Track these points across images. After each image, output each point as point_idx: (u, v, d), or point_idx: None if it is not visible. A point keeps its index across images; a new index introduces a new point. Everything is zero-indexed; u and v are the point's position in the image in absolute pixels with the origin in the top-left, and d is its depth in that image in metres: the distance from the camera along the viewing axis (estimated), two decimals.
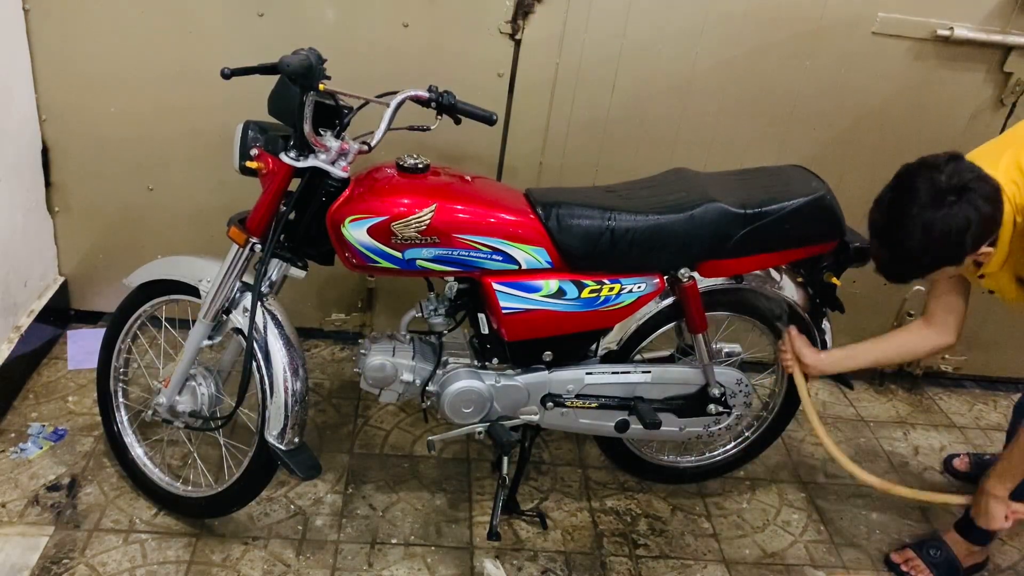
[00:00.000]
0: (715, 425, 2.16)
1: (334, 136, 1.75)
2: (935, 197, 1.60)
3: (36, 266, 2.51)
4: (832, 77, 2.47)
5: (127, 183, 2.51)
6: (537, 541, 2.14)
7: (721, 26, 2.38)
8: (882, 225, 1.69)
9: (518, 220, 1.83)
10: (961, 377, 3.07)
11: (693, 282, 1.96)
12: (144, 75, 2.36)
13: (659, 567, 2.12)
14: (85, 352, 2.58)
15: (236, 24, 2.30)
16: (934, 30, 2.40)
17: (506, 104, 2.45)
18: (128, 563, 1.93)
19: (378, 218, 1.73)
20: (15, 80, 2.29)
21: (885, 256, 1.72)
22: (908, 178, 1.66)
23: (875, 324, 2.88)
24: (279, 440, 1.84)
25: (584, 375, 2.02)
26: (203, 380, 1.97)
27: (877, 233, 1.72)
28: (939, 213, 1.59)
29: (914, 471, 2.60)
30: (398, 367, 1.97)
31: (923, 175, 1.62)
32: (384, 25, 2.33)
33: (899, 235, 1.65)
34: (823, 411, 2.82)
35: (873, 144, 2.58)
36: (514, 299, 1.86)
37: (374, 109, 1.77)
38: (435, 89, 1.79)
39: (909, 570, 2.16)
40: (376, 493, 2.23)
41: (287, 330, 1.87)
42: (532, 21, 2.34)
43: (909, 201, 1.62)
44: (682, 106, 2.49)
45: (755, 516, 2.33)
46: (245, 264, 1.84)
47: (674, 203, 1.90)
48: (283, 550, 2.02)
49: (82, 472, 2.17)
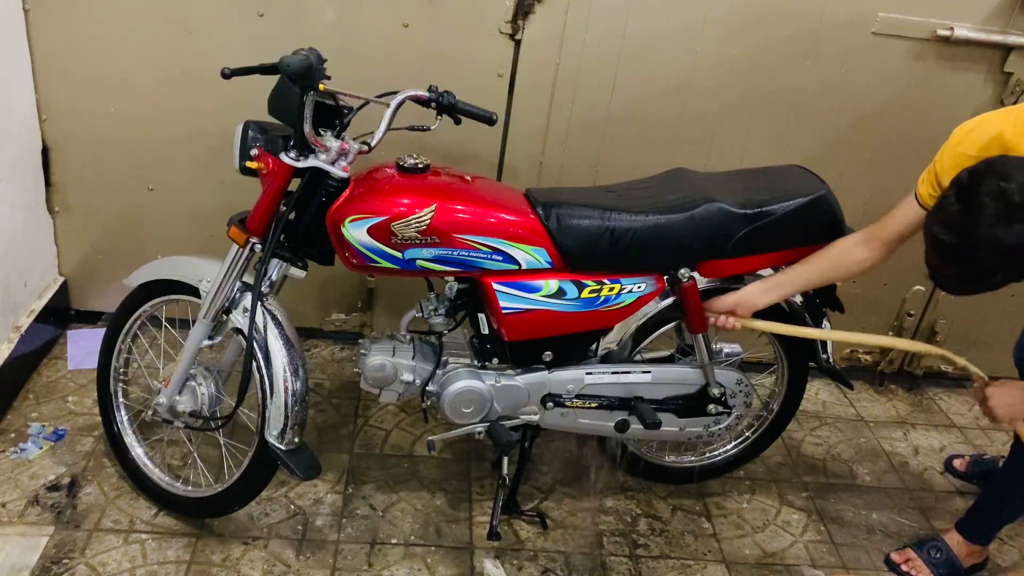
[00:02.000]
0: (715, 425, 2.16)
1: (334, 136, 1.75)
2: (1007, 212, 1.45)
3: (36, 266, 2.51)
4: (832, 77, 2.47)
5: (127, 183, 2.51)
6: (537, 541, 2.14)
7: (721, 26, 2.38)
8: (948, 243, 1.54)
9: (518, 220, 1.83)
10: (961, 377, 3.06)
11: (693, 282, 1.96)
12: (144, 75, 2.36)
13: (659, 567, 2.12)
14: (85, 352, 2.58)
15: (236, 24, 2.30)
16: (934, 30, 2.40)
17: (506, 104, 2.45)
18: (128, 563, 1.93)
19: (378, 218, 1.73)
20: (15, 80, 2.29)
21: (952, 273, 1.59)
22: (974, 190, 1.50)
23: (875, 324, 2.89)
24: (279, 440, 1.84)
25: (584, 375, 2.02)
26: (203, 380, 1.97)
27: (943, 251, 1.57)
28: (1011, 230, 1.45)
29: (914, 471, 2.60)
30: (398, 367, 1.97)
31: (989, 186, 1.47)
32: (384, 25, 2.33)
33: (969, 254, 1.52)
34: (823, 411, 2.82)
35: (873, 144, 2.58)
36: (514, 299, 1.86)
37: (374, 109, 1.77)
38: (435, 89, 1.79)
39: (909, 570, 2.16)
40: (376, 493, 2.23)
41: (287, 330, 1.87)
42: (532, 21, 2.34)
43: (977, 217, 1.48)
44: (682, 106, 2.49)
45: (755, 516, 2.33)
46: (245, 264, 1.84)
47: (674, 203, 1.90)
48: (283, 550, 2.02)
49: (82, 472, 2.17)
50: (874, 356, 2.95)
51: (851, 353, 2.94)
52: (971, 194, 1.50)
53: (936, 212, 1.59)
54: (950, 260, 1.57)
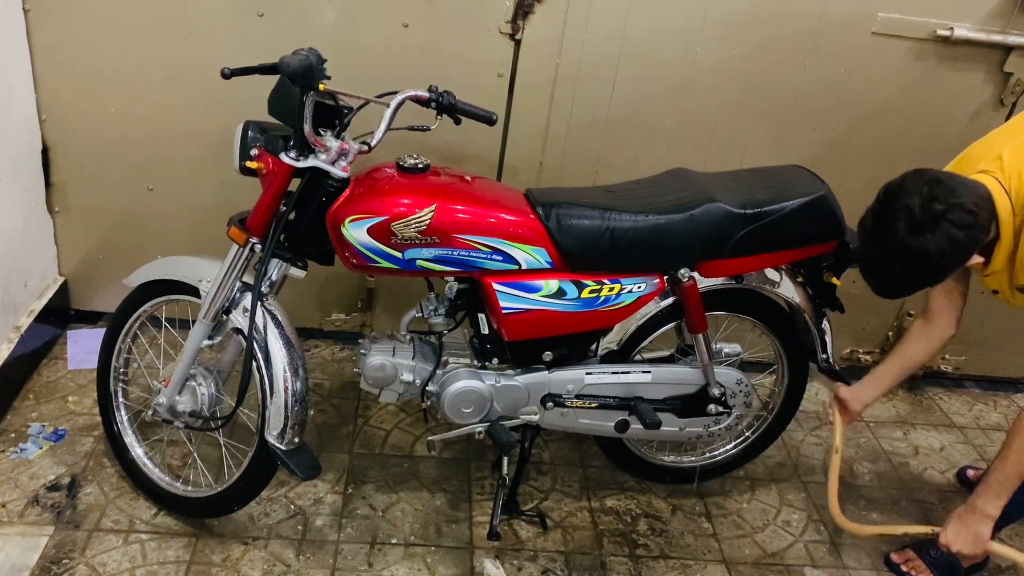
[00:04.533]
0: (715, 425, 2.16)
1: (334, 136, 1.75)
2: (911, 226, 1.61)
3: (36, 266, 2.51)
4: (832, 77, 2.47)
5: (127, 183, 2.51)
6: (537, 541, 2.14)
7: (721, 26, 2.38)
8: (866, 252, 1.74)
9: (518, 220, 1.83)
10: (961, 377, 3.07)
11: (693, 282, 1.96)
12: (144, 75, 2.36)
13: (659, 567, 2.12)
14: (85, 352, 2.58)
15: (236, 24, 2.30)
16: (934, 30, 2.40)
17: (506, 104, 2.45)
18: (128, 563, 1.93)
19: (378, 218, 1.73)
20: (15, 80, 2.29)
21: (872, 279, 1.75)
22: (887, 204, 1.67)
23: (875, 324, 2.89)
24: (279, 440, 1.84)
25: (584, 375, 2.02)
26: (203, 380, 1.97)
27: (863, 258, 1.77)
28: (915, 241, 1.61)
29: (914, 471, 2.60)
30: (398, 367, 1.97)
31: (900, 201, 1.63)
32: (384, 25, 2.33)
33: (881, 261, 1.70)
34: (823, 411, 2.82)
35: (873, 144, 2.58)
36: (514, 299, 1.86)
37: (374, 109, 1.77)
38: (435, 89, 1.79)
39: (909, 570, 2.16)
40: (376, 493, 2.23)
41: (287, 330, 1.87)
42: (532, 21, 2.34)
43: (888, 229, 1.65)
44: (682, 106, 2.49)
45: (755, 516, 2.33)
46: (245, 264, 1.84)
47: (674, 203, 1.90)
48: (283, 550, 2.02)
49: (82, 472, 2.17)
50: (874, 356, 2.95)
51: (851, 353, 2.94)
52: (885, 209, 1.66)
53: (860, 226, 1.74)
54: (871, 268, 1.74)
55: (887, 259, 1.68)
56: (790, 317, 2.16)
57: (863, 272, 1.78)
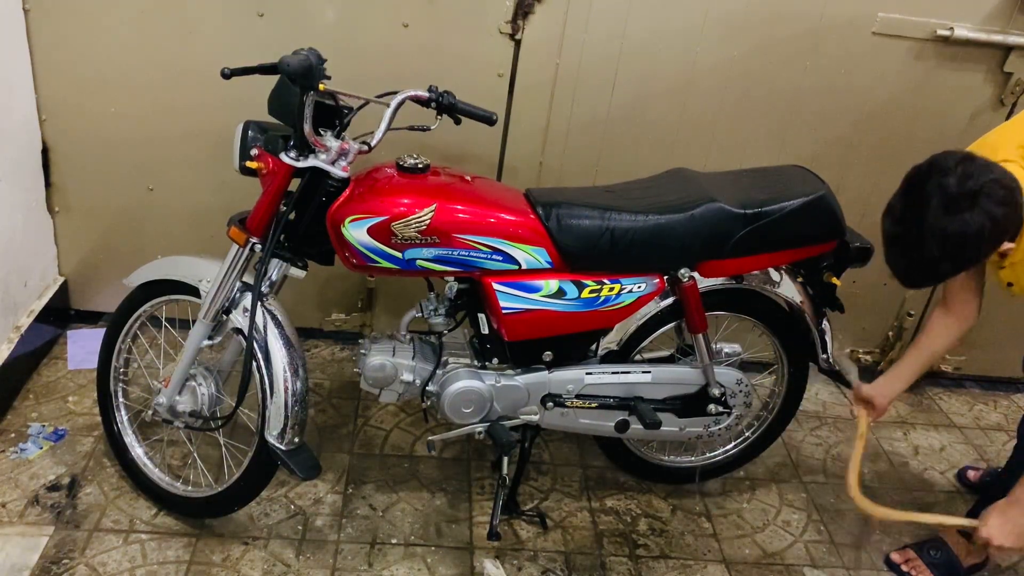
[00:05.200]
0: (715, 425, 2.16)
1: (334, 136, 1.75)
2: (947, 204, 1.55)
3: (36, 266, 2.51)
4: (832, 77, 2.47)
5: (127, 183, 2.51)
6: (537, 541, 2.14)
7: (721, 26, 2.38)
8: (896, 235, 1.66)
9: (518, 220, 1.83)
10: (961, 377, 3.07)
11: (693, 282, 1.96)
12: (144, 75, 2.36)
13: (659, 567, 2.12)
14: (85, 352, 2.58)
15: (236, 24, 2.30)
16: (934, 30, 2.40)
17: (506, 104, 2.45)
18: (128, 563, 1.93)
19: (378, 218, 1.73)
20: (15, 80, 2.29)
21: (902, 265, 1.68)
22: (918, 184, 1.61)
23: (875, 324, 2.89)
24: (279, 440, 1.84)
25: (584, 375, 2.02)
26: (203, 380, 1.97)
27: (892, 243, 1.67)
28: (953, 221, 1.55)
29: (914, 471, 2.60)
30: (398, 367, 1.97)
31: (933, 180, 1.57)
32: (384, 25, 2.33)
33: (915, 245, 1.61)
34: (823, 411, 2.82)
35: (873, 144, 2.58)
36: (514, 299, 1.86)
37: (374, 109, 1.77)
38: (435, 89, 1.79)
39: (909, 570, 2.16)
40: (376, 493, 2.23)
41: (287, 330, 1.87)
42: (532, 21, 2.34)
43: (921, 209, 1.58)
44: (682, 106, 2.49)
45: (755, 516, 2.33)
46: (245, 264, 1.84)
47: (674, 203, 1.90)
48: (283, 550, 2.02)
49: (82, 472, 2.17)
50: (874, 356, 2.95)
51: (851, 353, 2.94)
52: (917, 189, 1.61)
53: (889, 211, 1.68)
54: (901, 253, 1.67)
55: (921, 242, 1.60)
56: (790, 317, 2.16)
57: (891, 261, 1.70)
